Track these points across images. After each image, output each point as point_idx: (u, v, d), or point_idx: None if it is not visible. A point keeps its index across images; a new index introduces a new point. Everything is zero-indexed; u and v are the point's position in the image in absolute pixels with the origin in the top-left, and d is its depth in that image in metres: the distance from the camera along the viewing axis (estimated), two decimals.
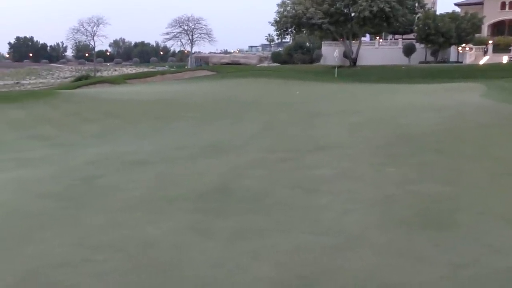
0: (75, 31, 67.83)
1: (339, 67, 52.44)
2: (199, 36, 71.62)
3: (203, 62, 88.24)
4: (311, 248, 4.49)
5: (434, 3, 72.69)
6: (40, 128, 11.89)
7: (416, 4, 49.10)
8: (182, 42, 73.65)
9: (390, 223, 5.26)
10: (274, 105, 17.47)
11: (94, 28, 67.45)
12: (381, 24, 48.00)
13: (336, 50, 49.32)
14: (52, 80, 64.72)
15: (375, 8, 44.65)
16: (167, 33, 71.64)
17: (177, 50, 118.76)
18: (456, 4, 68.65)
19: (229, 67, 52.07)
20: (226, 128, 12.39)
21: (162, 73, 44.38)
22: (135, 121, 12.97)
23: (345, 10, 46.49)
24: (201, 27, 71.41)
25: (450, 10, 57.16)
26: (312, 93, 22.24)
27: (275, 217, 5.53)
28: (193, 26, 69.98)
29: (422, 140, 10.12)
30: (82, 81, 41.80)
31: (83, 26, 67.24)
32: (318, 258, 4.27)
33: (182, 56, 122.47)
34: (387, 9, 44.87)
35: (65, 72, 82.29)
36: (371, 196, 6.26)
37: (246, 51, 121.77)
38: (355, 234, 4.90)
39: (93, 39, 69.40)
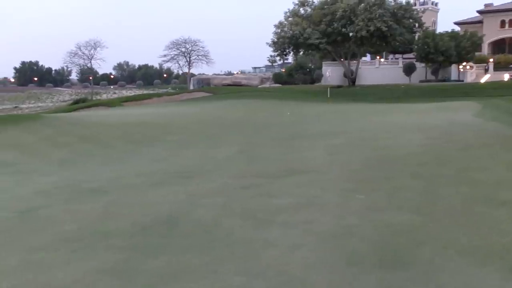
0: (73, 54, 67.74)
1: (338, 87, 52.19)
2: (197, 57, 71.73)
3: (205, 83, 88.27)
4: None
5: (434, 23, 72.75)
6: (6, 154, 11.47)
7: (416, 24, 48.80)
8: (179, 64, 73.76)
9: (340, 262, 4.71)
10: (259, 127, 16.99)
11: (92, 51, 67.43)
12: (379, 43, 47.80)
13: (328, 70, 49.21)
14: (51, 104, 64.66)
15: (372, 28, 44.48)
16: (165, 55, 71.86)
17: (175, 72, 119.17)
18: (455, 23, 68.57)
19: (226, 88, 51.87)
20: (202, 151, 11.90)
21: (159, 95, 44.12)
22: (108, 146, 12.52)
23: (343, 30, 46.29)
24: (198, 49, 71.56)
25: (450, 29, 56.92)
26: (302, 114, 21.76)
27: (215, 254, 4.99)
28: (190, 48, 70.15)
29: (402, 163, 9.58)
30: (78, 104, 41.65)
31: (80, 50, 67.27)
32: None
33: (184, 78, 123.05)
34: (384, 29, 44.68)
35: (64, 96, 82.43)
36: (329, 228, 5.71)
37: (249, 72, 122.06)
38: (293, 275, 4.34)
39: (90, 62, 69.41)
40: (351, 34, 46.37)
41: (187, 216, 6.30)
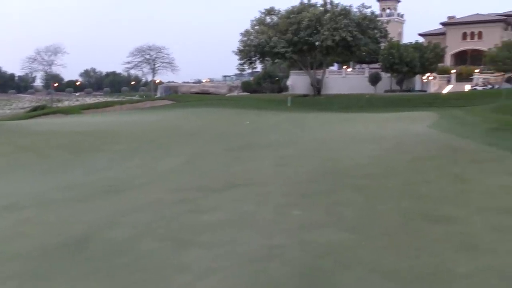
0: (32, 60, 65.57)
1: (305, 96, 52.20)
2: (161, 65, 70.73)
3: (172, 91, 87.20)
4: None
5: (400, 34, 73.88)
6: None
7: (378, 34, 49.30)
8: (143, 71, 72.61)
9: None
10: (214, 137, 16.49)
11: (51, 57, 65.32)
12: (345, 53, 48.06)
13: (290, 80, 49.18)
14: (8, 111, 62.38)
15: (337, 37, 44.64)
16: (129, 62, 70.54)
17: (143, 79, 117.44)
18: (420, 34, 69.81)
19: (192, 97, 51.19)
20: (145, 162, 11.32)
21: (121, 102, 43.11)
22: (44, 156, 11.81)
23: (309, 39, 46.29)
24: (163, 56, 70.59)
25: (414, 40, 57.80)
26: (261, 123, 21.38)
27: (119, 281, 4.47)
28: (154, 55, 69.12)
29: (347, 175, 9.24)
30: (36, 111, 40.34)
31: (39, 55, 65.16)
32: None
33: (153, 85, 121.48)
34: (349, 38, 44.92)
35: (24, 103, 79.80)
36: (253, 248, 5.25)
37: (217, 81, 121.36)
38: None
39: (50, 68, 67.30)
40: (317, 43, 46.43)
41: (101, 236, 5.75)
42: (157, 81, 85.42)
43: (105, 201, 7.39)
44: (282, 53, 46.66)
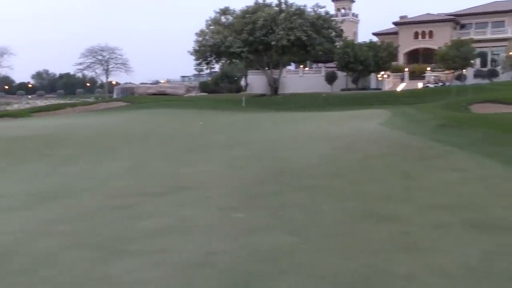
0: None
1: (262, 95, 52.15)
2: (115, 66, 69.16)
3: (129, 93, 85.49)
4: None
5: (355, 33, 74.95)
6: None
7: (333, 34, 49.82)
8: (96, 73, 70.82)
9: None
10: (165, 139, 16.07)
11: None
12: (301, 52, 48.27)
13: (243, 79, 49.11)
14: None
15: (292, 37, 44.78)
16: (80, 63, 68.62)
17: (99, 81, 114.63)
18: (374, 34, 71.04)
19: (148, 98, 50.27)
20: (87, 167, 10.82)
21: (73, 105, 41.77)
22: None
23: (264, 39, 46.23)
24: (116, 57, 69.04)
25: (369, 40, 58.75)
26: (215, 124, 21.07)
27: None
28: (107, 56, 67.51)
29: (297, 176, 9.10)
30: None
31: None
32: None
33: (109, 87, 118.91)
34: (304, 38, 45.14)
35: None
36: (188, 257, 4.97)
37: (175, 82, 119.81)
38: None
39: None
40: (272, 43, 46.41)
41: (27, 248, 5.34)
42: (114, 82, 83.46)
43: (38, 210, 6.94)
44: (238, 53, 46.43)
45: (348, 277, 4.32)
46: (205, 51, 47.95)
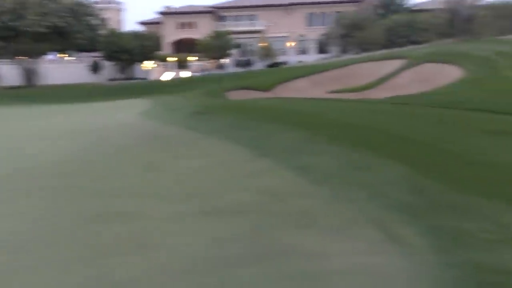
0: None
1: (19, 87, 46.76)
2: None
3: None
4: None
5: (120, 22, 73.17)
6: None
7: (94, 22, 47.44)
8: None
9: None
10: None
11: None
12: (59, 40, 44.64)
13: None
14: None
15: (47, 23, 41.02)
16: None
17: None
18: (140, 23, 70.53)
19: None
20: None
21: None
22: None
23: (13, 25, 41.22)
24: None
25: (136, 29, 58.03)
26: None
27: None
28: None
29: (36, 177, 8.01)
30: None
31: None
32: None
33: None
34: (62, 25, 41.85)
35: None
36: None
37: None
38: None
39: None
40: (25, 29, 41.71)
41: None
42: None
43: None
44: None
45: None
46: None
